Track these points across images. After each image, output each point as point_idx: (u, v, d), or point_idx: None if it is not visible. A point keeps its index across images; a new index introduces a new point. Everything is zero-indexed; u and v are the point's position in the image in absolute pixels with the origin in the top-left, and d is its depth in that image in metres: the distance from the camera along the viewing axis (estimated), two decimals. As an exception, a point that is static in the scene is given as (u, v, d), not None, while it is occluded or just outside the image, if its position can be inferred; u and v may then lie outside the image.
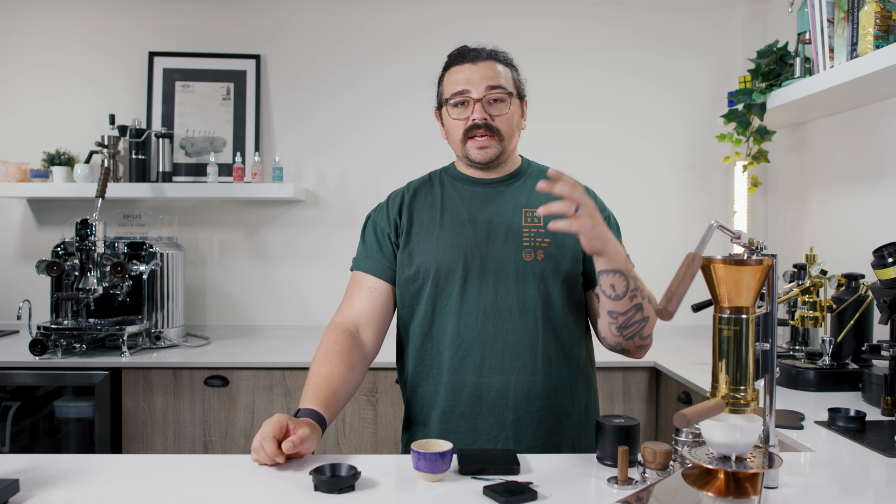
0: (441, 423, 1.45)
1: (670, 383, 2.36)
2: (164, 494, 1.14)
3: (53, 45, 3.02)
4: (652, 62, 3.08)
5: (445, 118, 1.51)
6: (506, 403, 1.42)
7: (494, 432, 1.42)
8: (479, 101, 1.44)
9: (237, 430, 2.45)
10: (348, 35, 3.05)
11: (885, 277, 1.72)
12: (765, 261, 1.01)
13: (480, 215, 1.49)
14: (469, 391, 1.43)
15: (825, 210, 2.59)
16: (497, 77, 1.46)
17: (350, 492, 1.14)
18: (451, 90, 1.47)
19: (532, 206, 1.49)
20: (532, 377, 1.43)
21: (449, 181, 1.56)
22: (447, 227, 1.48)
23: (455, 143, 1.50)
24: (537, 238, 1.46)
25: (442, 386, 1.45)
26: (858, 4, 2.00)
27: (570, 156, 3.05)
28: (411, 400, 1.52)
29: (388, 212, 1.54)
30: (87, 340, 2.52)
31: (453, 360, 1.44)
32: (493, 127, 1.45)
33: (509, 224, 1.47)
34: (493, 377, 1.42)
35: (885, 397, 1.70)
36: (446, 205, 1.51)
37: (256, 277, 3.05)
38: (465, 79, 1.46)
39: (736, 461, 0.98)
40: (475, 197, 1.51)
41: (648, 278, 3.07)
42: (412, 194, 1.55)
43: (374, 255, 1.52)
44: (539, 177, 1.55)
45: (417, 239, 1.49)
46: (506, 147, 1.48)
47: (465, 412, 1.43)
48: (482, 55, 1.48)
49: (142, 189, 2.85)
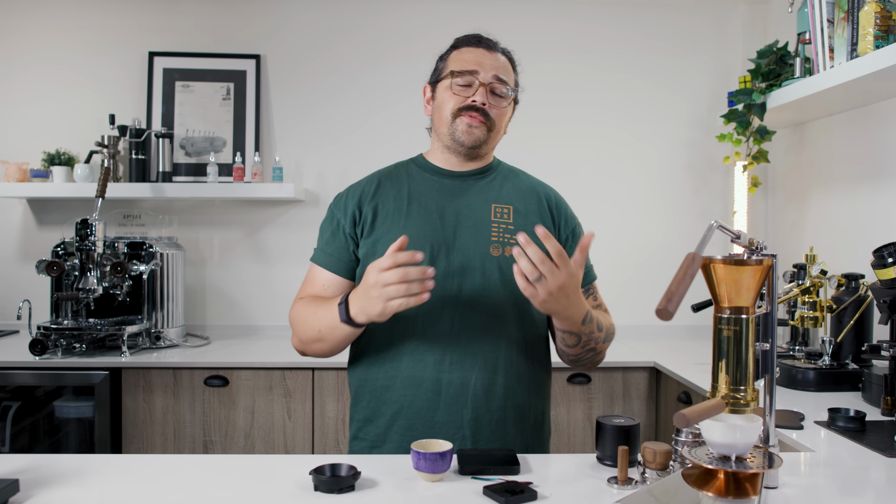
0: (397, 419, 1.40)
1: (670, 383, 2.36)
2: (164, 494, 1.14)
3: (54, 44, 3.02)
4: (652, 62, 3.08)
5: (441, 90, 1.47)
6: (465, 401, 1.38)
7: (451, 430, 1.38)
8: (483, 86, 1.43)
9: (237, 430, 2.45)
10: (348, 35, 3.05)
11: (885, 277, 1.72)
12: (765, 261, 1.01)
13: (448, 208, 1.46)
14: (428, 386, 1.39)
15: (825, 210, 2.59)
16: (506, 72, 1.47)
17: (350, 492, 1.14)
18: (459, 65, 1.45)
19: (502, 202, 1.47)
20: (493, 375, 1.40)
21: (417, 172, 1.52)
22: (413, 217, 1.44)
23: (442, 119, 1.46)
24: (506, 234, 1.44)
25: (398, 379, 1.40)
26: (858, 4, 2.00)
27: (571, 156, 3.05)
28: (360, 391, 1.46)
29: (347, 203, 1.49)
30: (87, 340, 2.52)
31: (413, 353, 1.40)
32: (489, 114, 1.44)
33: (478, 218, 1.45)
34: (452, 373, 1.38)
35: (885, 397, 1.70)
36: (413, 195, 1.47)
37: (256, 277, 3.05)
38: (476, 60, 1.44)
39: (736, 461, 0.98)
40: (444, 189, 1.48)
41: (648, 278, 3.09)
42: (376, 184, 1.50)
43: (328, 248, 1.48)
44: (509, 175, 1.55)
45: (382, 229, 1.44)
46: (491, 139, 1.47)
47: (422, 408, 1.39)
48: (497, 47, 1.49)
49: (142, 189, 2.85)
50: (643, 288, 3.03)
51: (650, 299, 2.80)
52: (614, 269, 3.06)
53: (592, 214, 3.08)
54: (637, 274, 3.06)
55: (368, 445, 1.44)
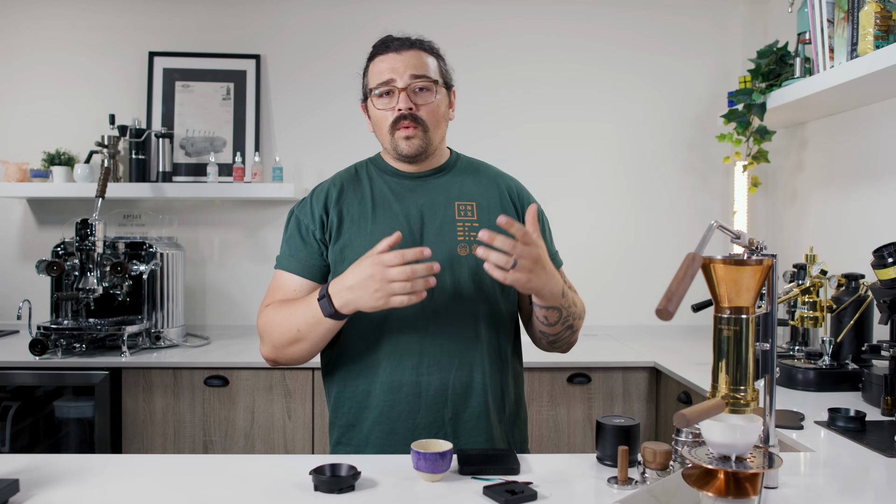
0: (379, 424, 1.41)
1: (670, 383, 2.36)
2: (164, 494, 1.14)
3: (53, 45, 3.02)
4: (652, 62, 3.08)
5: (371, 110, 1.47)
6: (444, 401, 1.39)
7: (434, 430, 1.39)
8: (403, 90, 1.41)
9: (237, 430, 2.45)
10: (348, 35, 3.05)
11: (885, 277, 1.72)
12: (765, 261, 1.01)
13: (412, 208, 1.45)
14: (408, 391, 1.39)
15: (825, 210, 2.59)
16: (422, 66, 1.43)
17: (350, 492, 1.14)
18: (375, 80, 1.44)
19: (464, 199, 1.47)
20: (470, 373, 1.41)
21: (377, 173, 1.51)
22: (379, 221, 1.43)
23: (383, 136, 1.46)
24: (471, 232, 1.44)
25: (377, 385, 1.40)
26: (858, 4, 2.00)
27: (570, 156, 3.06)
28: (340, 398, 1.46)
29: (313, 208, 1.47)
30: (87, 340, 2.52)
31: (390, 359, 1.40)
32: (418, 117, 1.42)
33: (443, 218, 1.44)
34: (431, 375, 1.39)
35: (885, 397, 1.70)
36: (377, 199, 1.47)
37: (256, 277, 3.05)
38: (389, 68, 1.42)
39: (736, 461, 0.98)
40: (405, 190, 1.47)
41: (648, 278, 3.09)
42: (339, 189, 1.49)
43: (298, 254, 1.45)
44: (469, 169, 1.54)
45: (349, 235, 1.43)
46: (431, 138, 1.44)
47: (403, 412, 1.39)
48: (406, 44, 1.45)
49: (142, 189, 2.85)
50: (643, 288, 3.03)
51: (650, 299, 2.80)
52: (614, 269, 3.06)
53: (590, 213, 3.09)
54: (637, 274, 3.06)
55: (353, 450, 1.45)
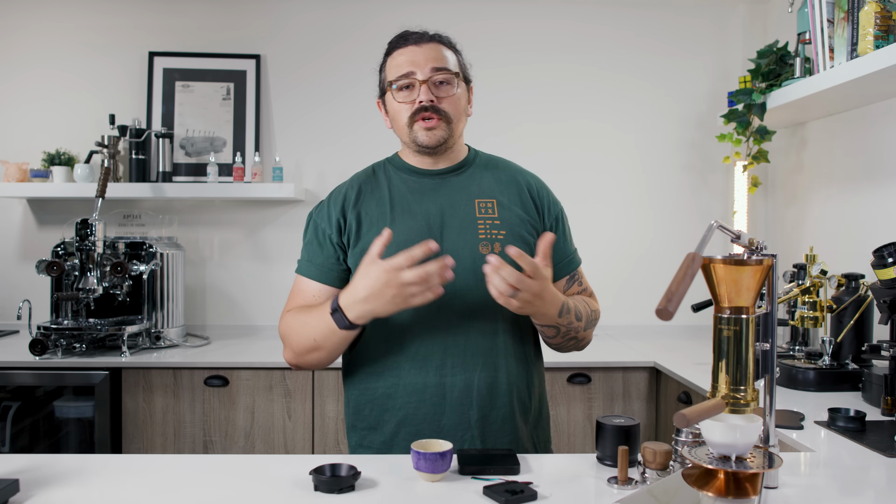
0: (403, 426, 1.39)
1: (670, 383, 2.36)
2: (164, 494, 1.14)
3: (53, 45, 3.02)
4: (652, 62, 3.08)
5: (390, 103, 1.45)
6: (470, 402, 1.38)
7: (460, 433, 1.38)
8: (424, 83, 1.39)
9: (237, 430, 2.45)
10: (348, 35, 3.05)
11: (885, 277, 1.72)
12: (765, 261, 1.01)
13: (432, 208, 1.43)
14: (432, 392, 1.38)
15: (825, 210, 2.59)
16: (442, 59, 1.42)
17: (350, 492, 1.14)
18: (395, 73, 1.42)
19: (484, 196, 1.46)
20: (494, 373, 1.40)
21: (395, 172, 1.49)
22: (398, 222, 1.42)
23: (401, 129, 1.44)
24: (493, 230, 1.42)
25: (400, 388, 1.39)
26: (858, 4, 2.00)
27: (571, 156, 3.05)
28: (360, 401, 1.44)
29: (330, 212, 1.46)
30: (87, 340, 2.52)
31: (414, 360, 1.39)
32: (440, 109, 1.40)
33: (463, 216, 1.43)
34: (455, 376, 1.38)
35: (885, 397, 1.70)
36: (395, 199, 1.45)
37: (256, 277, 3.05)
38: (409, 61, 1.41)
39: (736, 461, 0.98)
40: (424, 188, 1.46)
41: (648, 278, 3.09)
42: (357, 191, 1.47)
43: (316, 259, 1.45)
44: (488, 166, 1.53)
45: (369, 236, 1.41)
46: (453, 131, 1.43)
47: (428, 414, 1.38)
48: (425, 37, 1.45)
49: (142, 189, 2.85)
50: (643, 288, 3.03)
51: (650, 299, 2.80)
52: (614, 269, 3.06)
53: (591, 214, 3.09)
54: (637, 274, 3.06)
55: (375, 453, 1.43)
